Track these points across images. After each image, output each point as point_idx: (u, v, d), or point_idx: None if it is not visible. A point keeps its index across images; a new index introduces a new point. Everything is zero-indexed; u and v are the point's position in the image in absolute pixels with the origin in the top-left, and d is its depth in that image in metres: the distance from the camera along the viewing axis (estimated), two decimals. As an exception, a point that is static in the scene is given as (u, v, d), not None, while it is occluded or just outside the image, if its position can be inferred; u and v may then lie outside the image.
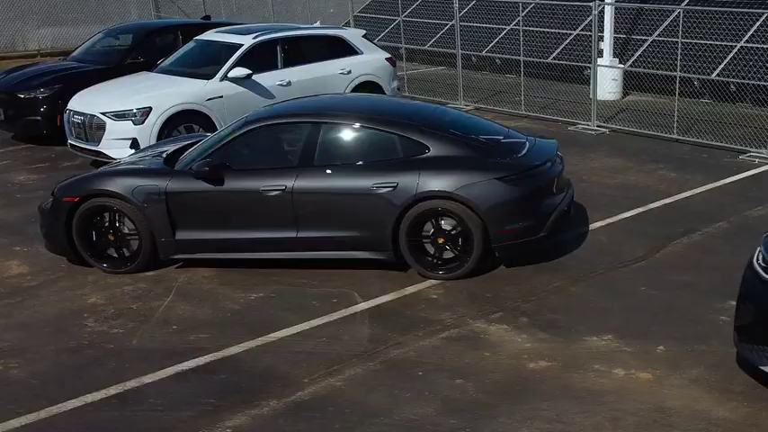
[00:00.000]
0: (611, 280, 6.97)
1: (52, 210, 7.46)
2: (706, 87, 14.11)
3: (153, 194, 7.19)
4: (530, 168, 6.99)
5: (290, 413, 5.14)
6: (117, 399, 5.41)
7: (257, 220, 7.13)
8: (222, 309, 6.71)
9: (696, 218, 8.32)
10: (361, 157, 7.08)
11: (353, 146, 7.16)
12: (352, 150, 7.14)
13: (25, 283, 7.41)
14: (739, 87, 13.55)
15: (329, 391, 5.39)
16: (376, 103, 8.11)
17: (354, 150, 7.13)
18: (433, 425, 4.95)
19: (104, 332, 6.38)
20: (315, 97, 8.60)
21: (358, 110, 7.49)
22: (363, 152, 7.10)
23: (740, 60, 13.65)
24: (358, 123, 7.21)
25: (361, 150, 7.12)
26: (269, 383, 5.49)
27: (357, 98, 9.67)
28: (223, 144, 7.27)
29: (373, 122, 7.18)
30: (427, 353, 5.84)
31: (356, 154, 7.11)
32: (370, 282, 7.08)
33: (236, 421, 5.07)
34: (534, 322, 6.23)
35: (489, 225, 6.80)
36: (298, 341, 6.10)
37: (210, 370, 5.74)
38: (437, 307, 6.56)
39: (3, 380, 5.70)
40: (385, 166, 6.95)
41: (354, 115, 7.30)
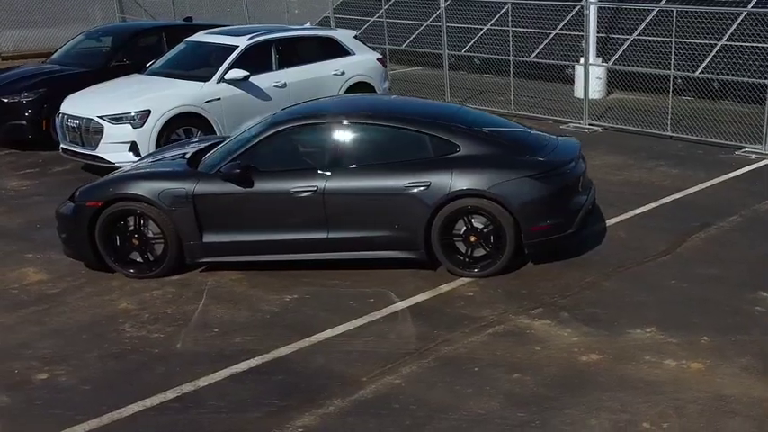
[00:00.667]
0: (640, 274, 7.19)
1: (74, 215, 7.42)
2: (689, 85, 14.51)
3: (180, 197, 7.22)
4: (559, 166, 7.18)
5: (356, 411, 5.23)
6: (177, 402, 5.44)
7: (287, 222, 7.20)
8: (260, 311, 6.76)
9: (708, 213, 8.61)
10: (392, 156, 7.20)
11: (384, 146, 7.28)
12: (382, 150, 7.26)
13: (47, 290, 7.37)
14: (722, 85, 13.96)
15: (390, 388, 5.49)
16: (402, 104, 8.23)
17: (385, 150, 7.25)
18: (502, 419, 5.09)
19: (144, 337, 6.39)
20: (341, 98, 8.71)
21: (387, 110, 7.61)
22: (394, 152, 7.22)
23: (722, 58, 14.07)
24: (388, 123, 7.32)
25: (391, 150, 7.24)
26: (328, 383, 5.58)
27: (383, 99, 9.79)
28: (251, 146, 7.32)
29: (403, 122, 7.31)
30: (478, 349, 5.98)
31: (387, 154, 7.23)
32: (402, 281, 7.19)
33: (304, 420, 5.15)
34: (575, 317, 6.41)
35: (522, 222, 6.97)
36: (345, 341, 6.19)
37: (264, 371, 5.80)
38: (476, 304, 6.71)
39: (53, 387, 5.69)
40: (417, 166, 7.08)
41: (384, 115, 7.41)
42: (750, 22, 14.52)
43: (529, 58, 16.15)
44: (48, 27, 22.11)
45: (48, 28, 22.13)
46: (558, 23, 17.28)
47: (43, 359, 6.10)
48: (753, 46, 13.99)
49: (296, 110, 7.82)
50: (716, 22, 14.43)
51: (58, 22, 22.32)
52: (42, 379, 5.82)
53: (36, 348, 6.28)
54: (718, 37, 14.56)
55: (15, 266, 7.97)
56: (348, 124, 7.32)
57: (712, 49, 14.43)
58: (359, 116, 7.41)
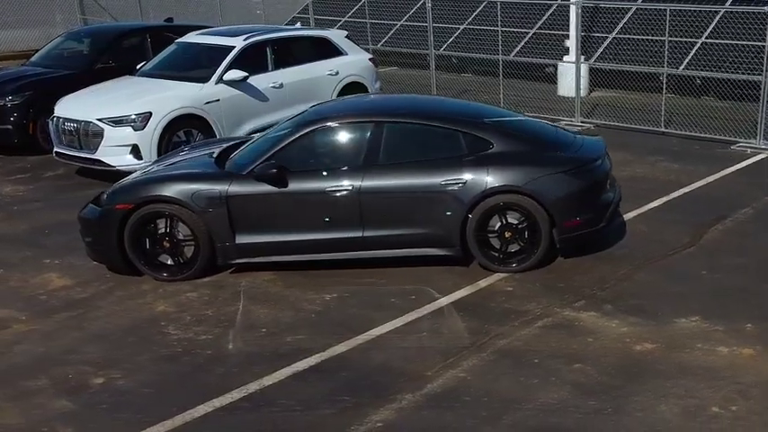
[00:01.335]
0: (670, 266, 7.45)
1: (101, 218, 7.40)
2: (671, 82, 14.93)
3: (214, 198, 7.25)
4: (589, 162, 7.40)
5: (430, 405, 5.36)
6: (246, 402, 5.50)
7: (323, 221, 7.28)
8: (303, 310, 6.84)
9: (720, 205, 8.93)
10: (426, 154, 7.34)
11: (418, 144, 7.40)
12: (416, 148, 7.38)
13: (76, 295, 7.34)
14: (704, 81, 14.41)
15: (457, 382, 5.63)
16: (432, 102, 8.36)
17: (419, 148, 7.38)
18: (576, 407, 5.27)
19: (192, 339, 6.42)
20: (370, 97, 8.80)
21: (419, 108, 7.74)
22: (428, 150, 7.36)
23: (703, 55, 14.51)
24: (422, 121, 7.46)
25: (425, 148, 7.37)
26: (393, 378, 5.69)
27: (413, 97, 9.96)
28: (284, 145, 7.38)
29: (437, 120, 7.45)
30: (532, 341, 6.16)
31: (421, 152, 7.36)
32: (438, 278, 7.34)
33: (380, 416, 5.25)
34: (619, 308, 6.62)
35: (556, 217, 7.17)
36: (399, 337, 6.31)
37: (326, 369, 5.88)
38: (518, 298, 6.88)
39: (113, 391, 5.70)
40: (452, 163, 7.23)
41: (417, 114, 7.54)
42: (727, 21, 14.99)
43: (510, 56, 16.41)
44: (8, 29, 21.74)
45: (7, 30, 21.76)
46: (536, 22, 17.58)
47: (95, 364, 6.10)
48: (731, 43, 14.46)
49: (327, 108, 7.92)
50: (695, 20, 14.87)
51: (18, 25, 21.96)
52: (100, 383, 5.82)
53: (83, 353, 6.27)
54: (698, 35, 14.99)
55: (36, 272, 7.90)
56: (381, 122, 7.43)
57: (693, 47, 14.85)
58: (393, 115, 7.53)
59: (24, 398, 5.66)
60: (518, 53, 16.84)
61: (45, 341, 6.49)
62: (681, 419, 5.10)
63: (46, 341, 6.49)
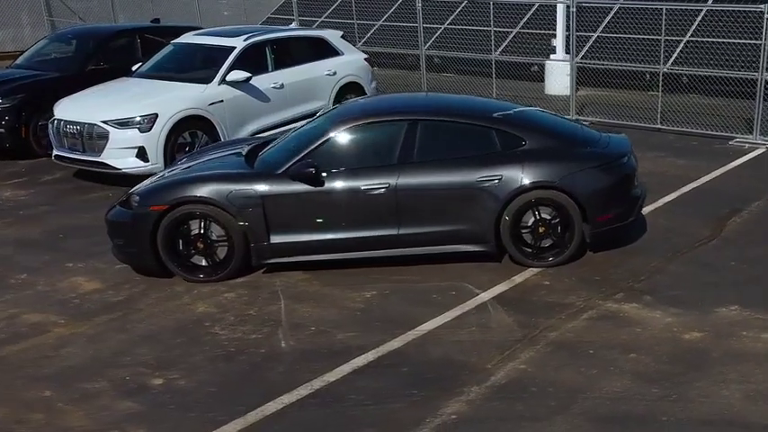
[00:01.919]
0: (698, 257, 7.72)
1: (134, 219, 7.42)
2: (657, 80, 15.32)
3: (250, 198, 7.32)
4: (619, 157, 7.64)
5: (498, 396, 5.51)
6: (314, 398, 5.59)
7: (358, 220, 7.39)
8: (346, 308, 6.95)
9: (732, 199, 9.25)
10: (461, 151, 7.50)
11: (452, 141, 7.56)
12: (450, 146, 7.54)
13: (110, 298, 7.35)
14: (690, 79, 14.81)
15: (519, 373, 5.79)
16: (462, 100, 8.51)
17: (453, 146, 7.53)
18: (641, 395, 5.47)
19: (242, 338, 6.49)
20: (401, 95, 8.93)
21: (451, 106, 7.89)
22: (462, 147, 7.52)
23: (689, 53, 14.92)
24: (455, 119, 7.62)
25: (459, 145, 7.53)
26: (455, 372, 5.83)
27: (441, 96, 10.08)
28: (318, 144, 7.48)
29: (471, 118, 7.62)
30: (582, 333, 6.35)
31: (455, 149, 7.52)
32: (473, 274, 7.50)
33: (452, 408, 5.40)
34: (659, 299, 6.86)
35: (589, 212, 7.39)
36: (450, 332, 6.46)
37: (385, 364, 6.00)
38: (558, 292, 7.08)
39: (177, 391, 5.75)
40: (487, 160, 7.40)
41: (451, 111, 7.70)
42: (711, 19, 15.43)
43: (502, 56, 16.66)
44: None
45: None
46: (518, 22, 17.86)
47: (149, 365, 6.13)
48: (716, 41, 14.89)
49: (359, 107, 8.03)
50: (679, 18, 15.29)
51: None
52: (160, 384, 5.86)
53: (134, 355, 6.30)
54: (683, 33, 15.41)
55: (61, 276, 7.89)
56: (415, 120, 7.57)
57: (678, 45, 15.26)
58: (426, 112, 7.68)
59: (86, 400, 5.67)
60: (502, 52, 17.08)
61: (92, 344, 6.50)
62: (744, 403, 5.33)
63: (93, 344, 6.50)
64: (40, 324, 6.88)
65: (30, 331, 6.76)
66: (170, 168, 8.54)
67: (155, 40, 13.95)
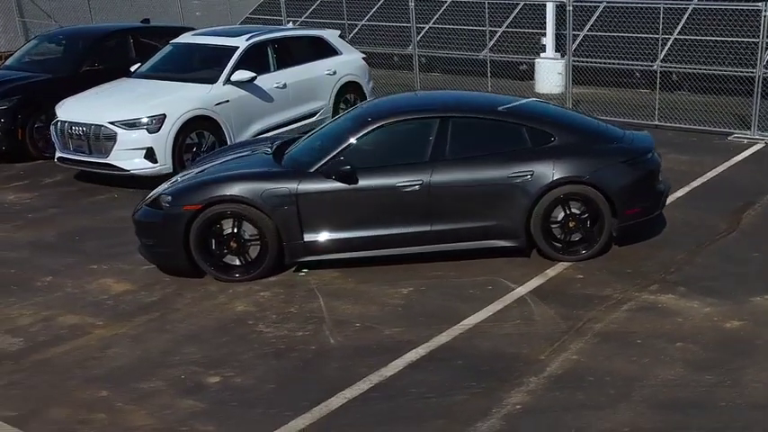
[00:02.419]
0: (721, 250, 7.97)
1: (166, 220, 7.45)
2: (645, 78, 15.68)
3: (284, 197, 7.40)
4: (645, 152, 7.86)
5: (557, 387, 5.67)
6: (375, 392, 5.70)
7: (391, 217, 7.51)
8: (387, 304, 7.06)
9: (743, 192, 9.54)
10: (492, 148, 7.65)
11: (483, 138, 7.71)
12: (481, 142, 7.69)
13: (144, 299, 7.38)
14: (680, 77, 15.18)
15: (573, 364, 5.96)
16: (487, 97, 8.64)
17: (484, 142, 7.69)
18: (695, 382, 5.67)
19: (289, 336, 6.58)
20: (429, 93, 9.06)
21: (480, 103, 8.03)
22: (493, 144, 7.67)
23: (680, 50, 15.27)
24: (486, 116, 7.77)
25: (490, 142, 7.68)
26: (509, 363, 5.98)
27: (470, 93, 10.21)
28: (350, 143, 7.58)
29: (501, 114, 7.77)
30: (625, 324, 6.54)
31: (486, 146, 7.67)
32: (505, 268, 7.66)
33: (515, 398, 5.54)
34: (693, 290, 7.08)
35: (618, 206, 7.59)
36: (495, 325, 6.61)
37: (439, 358, 6.13)
38: (593, 285, 7.27)
39: (235, 388, 5.82)
40: (519, 156, 7.56)
41: (481, 109, 7.85)
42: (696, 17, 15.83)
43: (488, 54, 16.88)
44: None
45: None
46: (503, 21, 18.10)
47: (201, 364, 6.19)
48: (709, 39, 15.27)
49: (389, 105, 8.15)
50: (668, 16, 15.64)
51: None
52: (217, 382, 5.92)
53: (183, 354, 6.35)
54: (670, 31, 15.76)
55: (89, 278, 7.90)
56: (447, 118, 7.70)
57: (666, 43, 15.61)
58: (457, 110, 7.83)
59: (145, 399, 5.72)
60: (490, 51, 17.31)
61: (137, 344, 6.53)
62: (796, 388, 5.55)
63: (138, 344, 6.53)
64: (79, 326, 6.89)
65: (69, 333, 6.77)
66: (190, 169, 8.55)
67: (147, 41, 13.93)
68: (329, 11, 20.49)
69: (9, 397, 5.85)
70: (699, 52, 14.95)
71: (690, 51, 15.04)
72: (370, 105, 8.30)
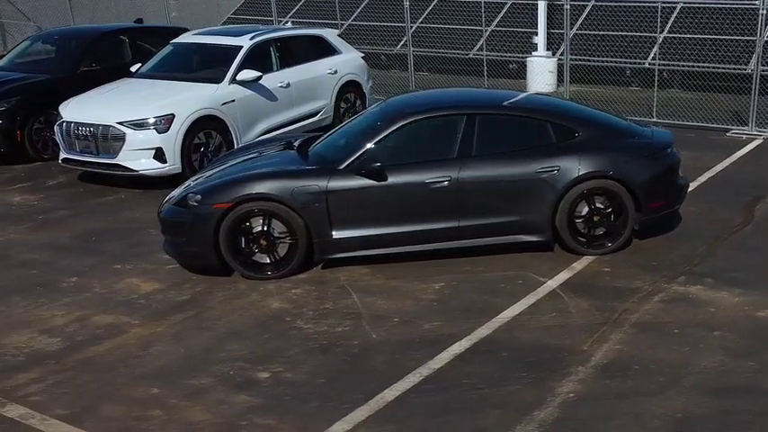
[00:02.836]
0: (740, 242, 8.21)
1: (196, 218, 7.51)
2: (636, 75, 15.98)
3: (314, 194, 7.50)
4: (666, 147, 8.07)
5: (606, 375, 5.83)
6: (427, 383, 5.82)
7: (420, 213, 7.64)
8: (421, 299, 7.19)
9: (751, 187, 9.81)
10: (518, 144, 7.81)
11: (509, 134, 7.86)
12: (508, 138, 7.84)
13: (176, 298, 7.44)
14: (670, 74, 15.49)
15: (616, 354, 6.13)
16: (508, 94, 8.78)
17: (510, 138, 7.84)
18: (740, 368, 5.86)
19: (330, 332, 6.68)
20: (455, 90, 9.22)
21: (504, 100, 8.19)
22: (519, 139, 7.83)
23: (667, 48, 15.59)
24: (512, 112, 7.93)
25: (516, 138, 7.84)
26: (554, 354, 6.14)
27: (494, 90, 10.38)
28: (379, 140, 7.70)
29: (526, 111, 7.94)
30: (660, 314, 6.73)
31: (512, 141, 7.82)
32: (532, 263, 7.83)
33: (566, 387, 5.70)
34: (720, 281, 7.29)
35: (642, 200, 7.78)
36: (532, 318, 6.76)
37: (483, 350, 6.27)
38: (621, 277, 7.45)
39: (288, 383, 5.91)
40: (545, 151, 7.73)
41: (507, 105, 8.01)
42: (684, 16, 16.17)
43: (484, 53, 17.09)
44: None
45: None
46: (492, 20, 18.31)
47: (247, 360, 6.27)
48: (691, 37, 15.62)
49: (415, 102, 8.29)
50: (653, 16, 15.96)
51: None
52: (267, 377, 6.01)
53: (227, 351, 6.42)
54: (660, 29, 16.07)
55: (115, 278, 7.93)
56: (474, 114, 7.85)
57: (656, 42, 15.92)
58: (484, 106, 7.98)
59: (199, 396, 5.78)
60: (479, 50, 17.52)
61: (178, 342, 6.59)
62: (836, 372, 5.76)
63: (179, 342, 6.59)
64: (115, 325, 6.93)
65: (106, 332, 6.81)
66: (206, 170, 8.60)
67: (143, 41, 13.93)
68: (313, 11, 20.55)
69: (57, 396, 5.88)
70: (689, 50, 15.26)
71: (680, 49, 15.35)
72: (395, 102, 8.41)
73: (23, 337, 6.81)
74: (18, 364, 6.37)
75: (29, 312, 7.26)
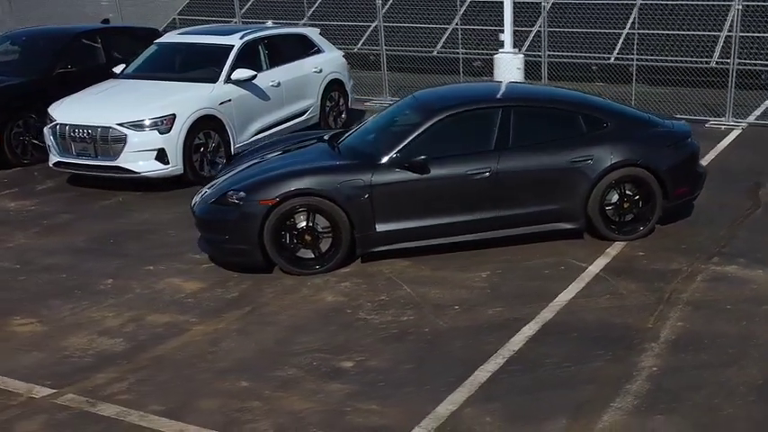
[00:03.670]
0: (756, 224, 8.82)
1: (242, 216, 7.70)
2: (602, 71, 16.69)
3: (359, 189, 7.78)
4: (686, 137, 8.63)
5: (679, 349, 6.28)
6: (514, 365, 6.17)
7: (461, 204, 8.00)
8: (473, 288, 7.54)
9: (747, 173, 10.51)
10: (551, 135, 8.24)
11: (543, 125, 8.29)
12: (542, 130, 8.26)
13: (224, 296, 7.61)
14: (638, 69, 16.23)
15: (681, 330, 6.60)
16: (537, 87, 9.20)
17: (544, 129, 8.27)
18: (799, 337, 6.41)
19: (396, 321, 6.96)
20: (485, 84, 9.61)
21: (536, 92, 8.62)
22: (552, 131, 8.27)
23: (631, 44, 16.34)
24: (545, 104, 8.37)
25: (550, 129, 8.28)
26: (624, 333, 6.56)
27: (521, 84, 10.75)
28: (419, 133, 8.04)
29: (559, 103, 8.39)
30: (707, 292, 7.24)
31: (546, 133, 8.25)
32: (568, 250, 8.26)
33: (647, 362, 6.12)
34: (752, 260, 7.86)
35: (669, 186, 8.32)
36: (588, 301, 7.18)
37: (554, 332, 6.65)
38: (658, 260, 7.95)
39: (376, 370, 6.16)
40: (578, 142, 8.19)
41: (539, 97, 8.45)
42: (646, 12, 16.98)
43: (434, 51, 17.53)
44: None
45: None
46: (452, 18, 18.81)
47: (324, 351, 6.50)
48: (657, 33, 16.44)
49: (454, 95, 8.70)
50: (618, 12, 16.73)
51: None
52: (353, 366, 6.26)
53: (301, 344, 6.64)
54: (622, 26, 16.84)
55: (153, 279, 8.05)
56: (509, 107, 8.24)
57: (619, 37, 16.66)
58: (518, 99, 8.40)
59: (291, 386, 6.00)
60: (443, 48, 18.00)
61: (246, 338, 6.78)
62: None
63: (247, 337, 6.78)
64: (173, 324, 7.07)
65: (167, 331, 6.94)
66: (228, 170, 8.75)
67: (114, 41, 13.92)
68: (265, 10, 20.67)
69: (146, 393, 6.00)
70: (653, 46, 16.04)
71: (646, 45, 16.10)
72: (426, 95, 8.74)
73: (82, 339, 6.88)
74: (88, 365, 6.45)
75: (77, 315, 7.32)
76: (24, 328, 7.13)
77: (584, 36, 16.89)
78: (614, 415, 5.45)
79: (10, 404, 5.96)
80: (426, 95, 8.76)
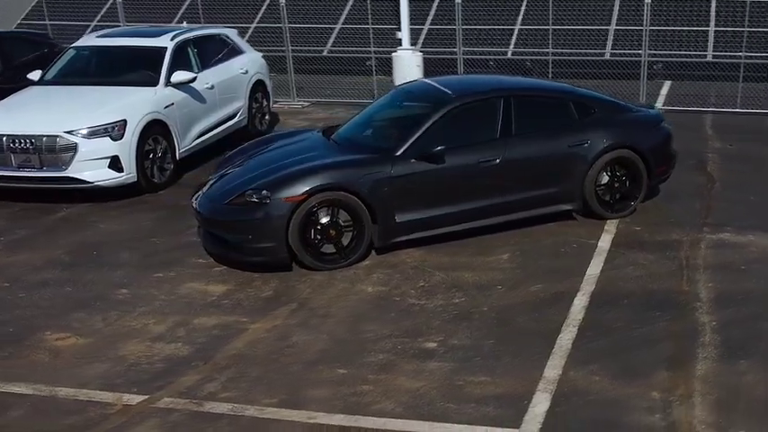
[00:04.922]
0: (723, 196, 10.16)
1: (267, 214, 8.12)
2: (498, 66, 17.98)
3: (381, 181, 8.39)
4: (662, 121, 9.82)
5: (723, 306, 7.24)
6: (588, 331, 6.93)
7: (473, 192, 8.78)
8: (500, 269, 8.28)
9: (684, 154, 11.78)
10: (549, 122, 9.17)
11: (539, 113, 9.18)
12: (539, 118, 9.16)
13: (259, 294, 7.94)
14: (533, 63, 17.63)
15: (717, 291, 7.57)
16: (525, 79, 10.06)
17: (542, 117, 9.17)
18: (819, 288, 7.61)
19: (452, 303, 7.57)
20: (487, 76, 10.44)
21: (529, 83, 9.55)
22: (548, 118, 9.20)
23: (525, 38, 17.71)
24: (541, 94, 9.30)
25: (547, 116, 9.19)
26: (666, 296, 7.48)
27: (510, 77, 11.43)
28: (431, 124, 8.75)
29: (551, 92, 9.35)
30: (717, 257, 8.34)
31: (544, 120, 9.17)
32: (570, 230, 9.18)
33: (705, 318, 7.04)
34: (738, 228, 9.05)
35: (652, 166, 9.46)
36: (616, 273, 8.09)
37: (604, 301, 7.43)
38: (656, 233, 9.01)
39: (463, 348, 6.75)
40: (574, 127, 9.16)
41: (534, 87, 9.36)
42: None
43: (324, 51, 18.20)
44: None
45: None
46: (338, 18, 19.55)
47: (399, 336, 7.01)
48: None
49: (454, 87, 9.36)
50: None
51: None
52: (437, 346, 6.82)
53: (369, 331, 7.09)
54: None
55: (169, 285, 8.25)
56: (509, 97, 9.08)
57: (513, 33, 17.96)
58: (516, 89, 9.28)
59: (390, 369, 6.47)
60: (333, 48, 18.70)
61: (314, 330, 7.18)
62: None
63: (314, 330, 7.18)
64: (226, 325, 7.36)
65: (224, 332, 7.23)
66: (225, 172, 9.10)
67: (7, 48, 13.74)
68: (127, 12, 20.53)
69: (247, 389, 6.30)
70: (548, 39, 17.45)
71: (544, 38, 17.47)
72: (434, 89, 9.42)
73: (138, 346, 7.05)
74: (164, 369, 6.65)
75: (113, 325, 7.45)
76: (65, 342, 7.19)
77: (477, 32, 18.00)
78: (705, 364, 6.34)
79: (109, 413, 6.08)
80: (427, 85, 9.50)
